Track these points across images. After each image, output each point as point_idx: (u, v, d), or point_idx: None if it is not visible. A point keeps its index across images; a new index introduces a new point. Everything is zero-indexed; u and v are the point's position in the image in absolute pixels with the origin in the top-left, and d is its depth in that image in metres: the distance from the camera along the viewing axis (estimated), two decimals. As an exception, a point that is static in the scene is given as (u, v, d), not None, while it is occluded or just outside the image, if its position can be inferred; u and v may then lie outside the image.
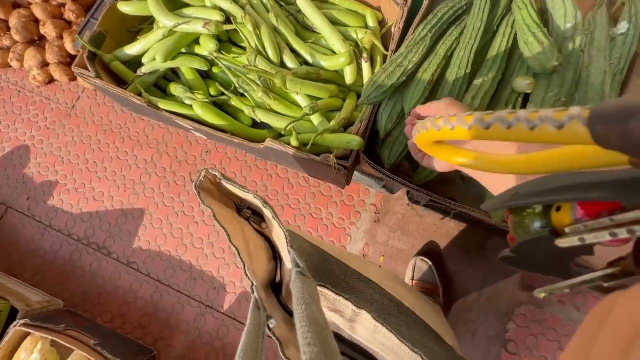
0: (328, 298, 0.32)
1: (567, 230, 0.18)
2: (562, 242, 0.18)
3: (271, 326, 0.30)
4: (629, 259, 0.17)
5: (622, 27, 0.51)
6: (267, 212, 0.30)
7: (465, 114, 0.18)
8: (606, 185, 0.15)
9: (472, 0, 0.57)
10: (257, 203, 0.30)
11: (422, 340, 0.33)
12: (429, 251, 0.87)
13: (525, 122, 0.14)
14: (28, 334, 0.72)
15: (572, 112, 0.13)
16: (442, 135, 0.20)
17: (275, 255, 0.34)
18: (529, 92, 0.49)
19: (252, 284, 0.28)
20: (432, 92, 0.55)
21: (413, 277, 0.84)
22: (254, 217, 0.33)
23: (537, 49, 0.45)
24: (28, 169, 1.00)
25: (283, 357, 0.30)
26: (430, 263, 0.84)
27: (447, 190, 0.63)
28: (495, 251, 0.83)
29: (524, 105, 0.51)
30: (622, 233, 0.15)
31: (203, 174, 0.30)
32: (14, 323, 0.69)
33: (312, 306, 0.24)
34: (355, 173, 0.85)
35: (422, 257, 0.85)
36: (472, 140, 0.18)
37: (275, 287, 0.33)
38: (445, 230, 0.86)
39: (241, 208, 0.33)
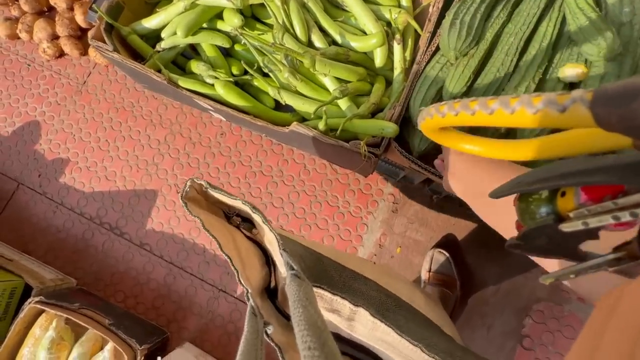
0: (324, 298, 0.32)
1: (571, 214, 0.18)
2: (566, 227, 0.18)
3: (269, 332, 0.30)
4: (633, 243, 0.17)
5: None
6: (256, 218, 0.29)
7: (470, 100, 0.17)
8: (609, 168, 0.15)
9: None
10: (246, 209, 0.29)
11: (421, 332, 0.33)
12: (447, 243, 0.85)
13: (528, 105, 0.14)
14: (42, 311, 0.71)
15: (575, 94, 0.13)
16: (447, 121, 0.19)
17: (269, 261, 0.34)
18: (578, 81, 0.46)
19: (247, 291, 0.28)
20: (475, 79, 0.51)
21: (430, 268, 0.83)
22: (244, 223, 0.33)
23: (594, 34, 0.42)
24: (39, 145, 0.98)
25: None
26: (448, 255, 0.82)
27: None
28: (515, 246, 0.82)
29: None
30: (625, 216, 0.15)
31: (189, 184, 0.29)
32: (29, 300, 0.69)
33: (309, 308, 0.24)
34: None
35: (439, 249, 0.84)
36: (477, 125, 0.18)
37: (270, 292, 0.33)
38: (464, 223, 0.85)
39: (230, 215, 0.33)
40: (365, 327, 0.32)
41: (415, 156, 0.56)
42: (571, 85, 0.48)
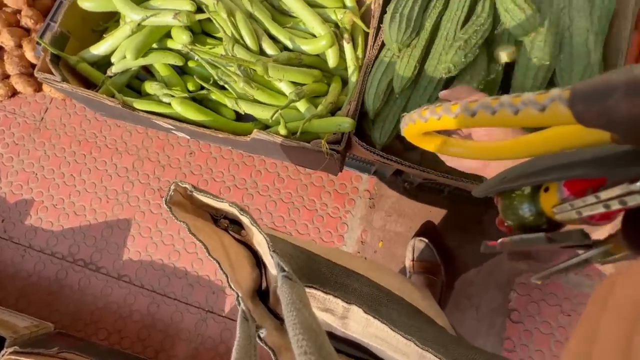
0: (317, 298, 0.31)
1: (554, 210, 0.19)
2: (559, 216, 0.18)
3: (262, 335, 0.29)
4: (618, 235, 0.17)
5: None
6: (244, 219, 0.29)
7: (451, 103, 0.18)
8: (589, 161, 0.15)
9: None
10: (233, 211, 0.29)
11: (414, 324, 0.33)
12: (427, 231, 0.86)
13: (509, 106, 0.15)
14: (18, 362, 0.67)
15: (553, 93, 0.13)
16: (429, 125, 0.19)
17: (259, 262, 0.33)
18: (511, 61, 0.49)
19: (237, 295, 0.28)
20: (421, 67, 0.53)
21: (413, 257, 0.84)
22: (232, 225, 0.32)
23: (519, 14, 0.45)
24: (-1, 189, 0.94)
25: None
26: (429, 242, 0.84)
27: (441, 165, 0.63)
28: (491, 225, 0.84)
29: (507, 75, 0.51)
30: (615, 204, 0.15)
31: (172, 187, 0.28)
32: (2, 352, 0.65)
33: (303, 311, 0.24)
34: (346, 160, 0.83)
35: (420, 238, 0.85)
36: (460, 128, 0.19)
37: (261, 294, 0.33)
38: (440, 209, 0.86)
39: (218, 218, 0.32)
40: (358, 324, 0.32)
41: (379, 148, 0.57)
42: (507, 65, 0.51)
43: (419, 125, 0.20)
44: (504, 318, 0.80)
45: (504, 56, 0.49)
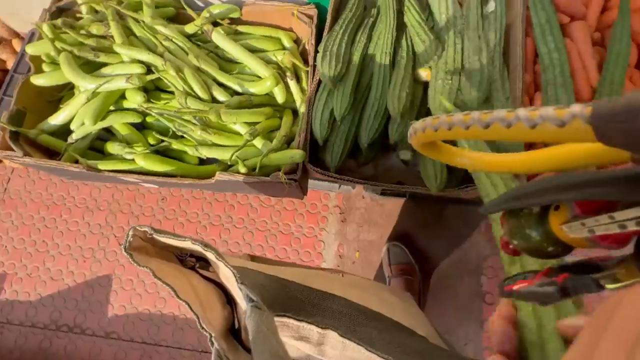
0: (291, 327, 0.30)
1: (564, 227, 0.18)
2: (569, 234, 0.17)
3: None
4: (629, 260, 0.17)
5: (491, 6, 0.61)
6: (209, 255, 0.28)
7: (463, 114, 0.17)
8: (605, 181, 0.15)
9: (373, 5, 0.64)
10: (197, 248, 0.28)
11: (394, 340, 0.33)
12: (397, 235, 0.93)
13: (526, 120, 0.14)
14: None
15: (574, 109, 0.13)
16: (439, 135, 0.18)
17: (229, 300, 0.32)
18: (428, 80, 0.57)
19: (210, 336, 0.27)
20: (356, 95, 0.60)
21: (389, 262, 0.89)
22: (200, 262, 0.32)
23: (422, 46, 0.53)
24: (-32, 269, 0.92)
25: None
26: (401, 245, 0.90)
27: (392, 177, 0.69)
28: (451, 218, 0.91)
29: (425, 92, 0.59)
30: (632, 225, 0.15)
31: (131, 233, 0.27)
32: None
33: (271, 339, 0.24)
34: (312, 181, 0.89)
35: (393, 242, 0.91)
36: (472, 139, 0.18)
37: (234, 332, 0.32)
38: (405, 212, 0.93)
39: (183, 257, 0.32)
40: (335, 349, 0.31)
41: (333, 170, 0.63)
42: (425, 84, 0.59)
43: (429, 134, 0.19)
44: (479, 302, 0.86)
45: (423, 76, 0.57)
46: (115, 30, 0.63)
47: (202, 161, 0.69)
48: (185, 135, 0.65)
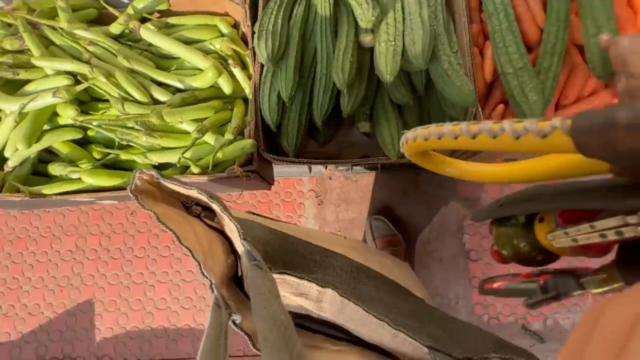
0: (291, 284, 0.31)
1: (548, 237, 0.19)
2: (556, 243, 0.18)
3: (237, 322, 0.29)
4: (612, 266, 0.17)
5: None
6: (215, 207, 0.28)
7: (452, 124, 0.18)
8: (587, 191, 0.16)
9: None
10: (203, 198, 0.28)
11: (391, 301, 0.34)
12: (377, 208, 0.92)
13: (511, 132, 0.15)
14: None
15: (555, 122, 0.13)
16: (430, 145, 0.19)
17: (233, 249, 0.33)
18: (373, 45, 0.54)
19: (211, 283, 0.27)
20: (302, 73, 0.57)
21: (373, 237, 0.89)
22: (205, 212, 0.31)
23: (359, 9, 0.50)
24: (-62, 320, 0.87)
25: (254, 349, 0.29)
26: (383, 218, 0.89)
27: (357, 152, 0.68)
28: (426, 183, 0.91)
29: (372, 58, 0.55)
30: (611, 234, 0.15)
31: (137, 175, 0.27)
32: None
33: (272, 303, 0.23)
34: (280, 169, 0.86)
35: (374, 217, 0.90)
36: (461, 148, 0.19)
37: (238, 280, 0.32)
38: (380, 184, 0.92)
39: (189, 205, 0.31)
40: (333, 307, 0.32)
41: (292, 155, 0.61)
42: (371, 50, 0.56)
43: (419, 144, 0.20)
44: (465, 260, 0.87)
45: (366, 41, 0.54)
46: (31, 42, 0.58)
47: (157, 167, 0.65)
48: (131, 144, 0.61)
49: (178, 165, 0.58)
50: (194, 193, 0.29)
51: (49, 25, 0.60)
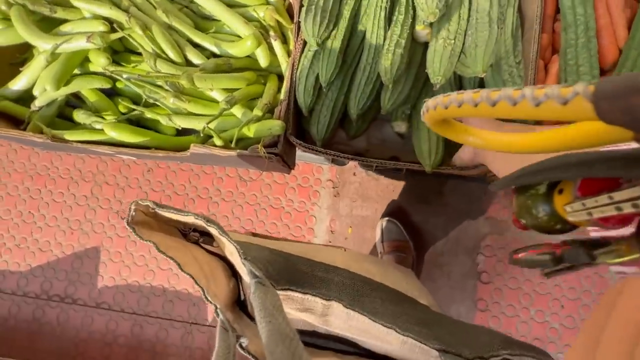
0: (295, 300, 0.31)
1: (566, 208, 0.19)
2: (571, 217, 0.19)
3: (244, 345, 0.29)
4: (631, 238, 0.17)
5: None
6: (213, 231, 0.28)
7: (473, 91, 0.18)
8: (608, 159, 0.15)
9: None
10: (200, 223, 0.28)
11: (397, 310, 0.34)
12: (392, 210, 0.88)
13: (531, 98, 0.14)
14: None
15: (577, 87, 0.13)
16: (450, 112, 0.19)
17: (234, 273, 0.33)
18: (428, 40, 0.49)
19: (216, 307, 0.28)
20: (345, 58, 0.53)
21: (383, 238, 0.86)
22: (203, 237, 0.32)
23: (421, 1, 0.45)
24: (-44, 239, 0.91)
25: None
26: (396, 221, 0.86)
27: (386, 151, 0.64)
28: (451, 194, 0.86)
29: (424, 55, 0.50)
30: (627, 207, 0.15)
31: (133, 207, 0.28)
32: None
33: (277, 317, 0.24)
34: (304, 154, 0.83)
35: (387, 218, 0.87)
36: (481, 116, 0.18)
37: (241, 304, 0.33)
38: (402, 187, 0.88)
39: (187, 232, 0.31)
40: (340, 320, 0.32)
41: (320, 144, 0.58)
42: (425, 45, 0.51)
43: (440, 112, 0.20)
44: (474, 281, 0.84)
45: (422, 35, 0.49)
46: (73, -21, 0.55)
47: (180, 132, 0.63)
48: (157, 103, 0.59)
49: (201, 134, 0.56)
50: (190, 219, 0.28)
51: (93, -35, 0.57)
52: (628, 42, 0.50)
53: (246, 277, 0.28)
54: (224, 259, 0.32)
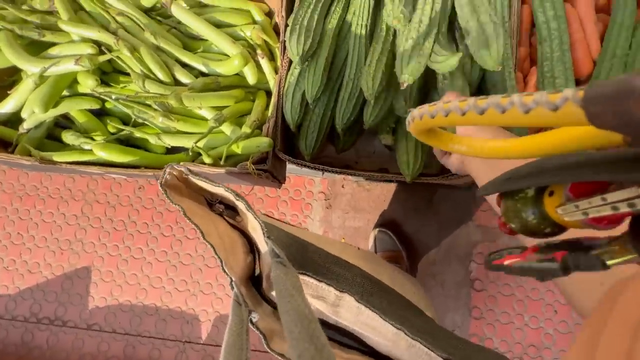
0: (310, 285, 0.32)
1: (558, 210, 0.18)
2: (567, 216, 0.18)
3: (254, 320, 0.29)
4: (623, 238, 0.17)
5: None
6: (240, 205, 0.29)
7: (459, 100, 0.17)
8: (599, 163, 0.15)
9: None
10: (229, 196, 0.29)
11: (404, 315, 0.34)
12: (384, 221, 0.89)
13: (520, 105, 0.14)
14: None
15: (566, 93, 0.13)
16: (437, 122, 0.19)
17: (253, 249, 0.33)
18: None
19: (231, 280, 0.28)
20: (330, 75, 0.54)
21: (376, 249, 0.86)
22: (227, 211, 0.32)
23: (389, 5, 0.46)
24: (-58, 263, 0.89)
25: (268, 349, 0.29)
26: (388, 231, 0.86)
27: (374, 163, 0.65)
28: (441, 203, 0.87)
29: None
30: (623, 207, 0.15)
31: (168, 170, 0.28)
32: None
33: (296, 298, 0.24)
34: (295, 167, 0.84)
35: (379, 229, 0.87)
36: (469, 125, 0.18)
37: (254, 280, 0.33)
38: (393, 197, 0.89)
39: (213, 203, 0.32)
40: (350, 313, 0.32)
41: (309, 158, 0.58)
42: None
43: (426, 121, 0.19)
44: (468, 289, 0.84)
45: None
46: (61, 4, 0.56)
47: (170, 150, 0.64)
48: (146, 123, 0.60)
49: (190, 153, 0.56)
50: (221, 191, 0.29)
51: (81, -10, 0.58)
52: (601, 55, 0.52)
53: (266, 256, 0.29)
54: (244, 235, 0.33)
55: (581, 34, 0.53)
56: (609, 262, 0.18)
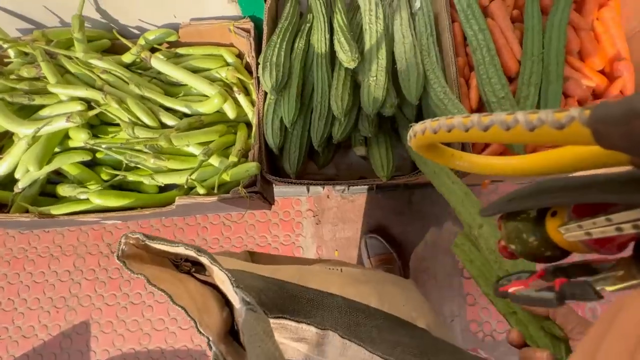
0: (289, 329, 0.31)
1: (561, 229, 0.18)
2: (569, 237, 0.18)
3: None
4: (628, 262, 0.17)
5: (417, 4, 0.64)
6: (204, 260, 0.29)
7: (462, 116, 0.17)
8: (603, 184, 0.15)
9: (309, 11, 0.66)
10: (191, 254, 0.28)
11: (395, 339, 0.33)
12: (372, 227, 0.95)
13: (525, 123, 0.14)
14: None
15: (572, 112, 0.13)
16: (439, 137, 0.18)
17: (228, 302, 0.32)
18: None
19: (208, 340, 0.27)
20: (302, 100, 0.62)
21: (369, 255, 0.91)
22: (195, 266, 0.32)
23: (341, 52, 0.55)
24: None
25: None
26: (377, 236, 0.92)
27: (354, 174, 0.71)
28: (420, 202, 0.94)
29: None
30: (628, 228, 0.15)
31: (123, 240, 0.28)
32: None
33: (267, 342, 0.24)
34: (282, 189, 0.89)
35: (369, 235, 0.93)
36: (472, 142, 0.18)
37: (234, 334, 0.32)
38: (376, 204, 0.95)
39: (179, 263, 0.32)
40: (335, 350, 0.31)
41: (294, 176, 0.64)
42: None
43: (428, 137, 0.19)
44: (459, 277, 0.90)
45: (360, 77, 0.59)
46: (48, 70, 0.61)
47: (163, 188, 0.68)
48: (139, 166, 0.64)
49: (185, 186, 0.60)
50: (181, 250, 0.29)
51: (65, 55, 0.64)
52: (523, 56, 0.63)
53: (238, 305, 0.28)
54: (217, 288, 0.32)
55: (504, 40, 0.64)
56: (611, 288, 0.17)
